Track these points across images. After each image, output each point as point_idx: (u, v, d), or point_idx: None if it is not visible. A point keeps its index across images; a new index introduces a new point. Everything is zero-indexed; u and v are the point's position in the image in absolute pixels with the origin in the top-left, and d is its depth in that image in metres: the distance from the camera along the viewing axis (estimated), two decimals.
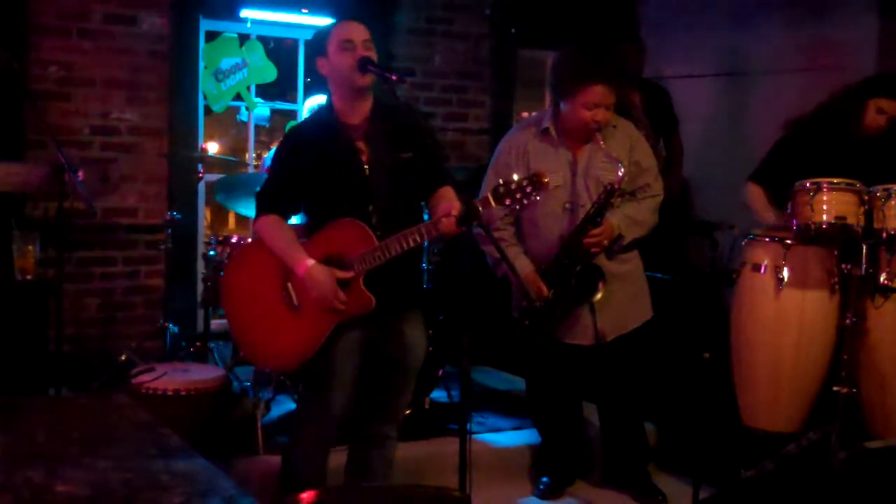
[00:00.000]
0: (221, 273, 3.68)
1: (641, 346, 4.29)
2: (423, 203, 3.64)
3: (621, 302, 4.16)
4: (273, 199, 3.50)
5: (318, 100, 5.50)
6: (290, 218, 3.59)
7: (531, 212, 4.14)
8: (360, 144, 3.47)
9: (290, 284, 3.43)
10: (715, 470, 4.13)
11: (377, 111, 3.51)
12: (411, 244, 3.29)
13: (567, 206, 4.10)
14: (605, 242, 4.02)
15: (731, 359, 4.31)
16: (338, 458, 3.73)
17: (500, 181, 3.18)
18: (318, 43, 3.48)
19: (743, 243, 4.34)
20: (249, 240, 4.90)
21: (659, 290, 4.38)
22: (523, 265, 4.08)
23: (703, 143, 6.07)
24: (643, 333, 4.27)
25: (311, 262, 3.34)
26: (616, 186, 3.94)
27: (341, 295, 3.34)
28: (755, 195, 4.46)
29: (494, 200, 3.15)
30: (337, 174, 3.44)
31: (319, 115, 3.61)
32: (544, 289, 4.03)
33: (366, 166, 3.45)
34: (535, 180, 3.14)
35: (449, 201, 3.40)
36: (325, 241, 3.41)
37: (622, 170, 3.92)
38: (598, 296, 4.01)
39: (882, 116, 4.29)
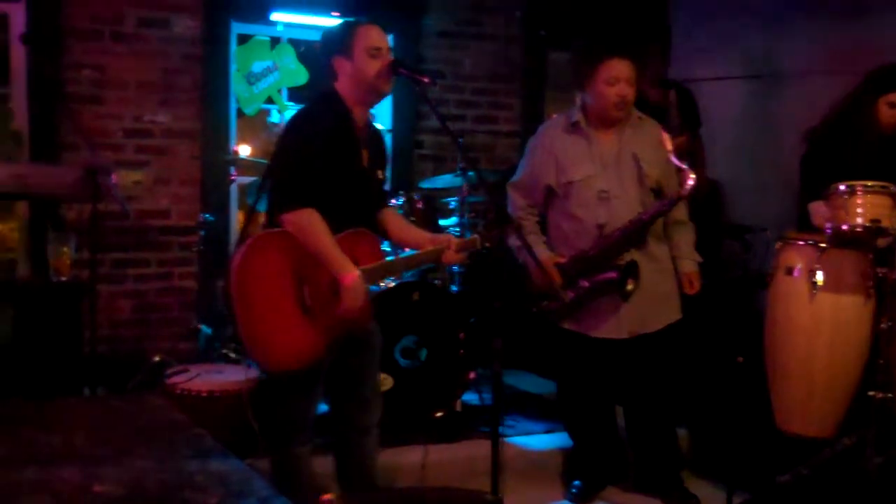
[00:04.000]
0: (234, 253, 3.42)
1: (671, 348, 4.27)
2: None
3: (651, 299, 4.15)
4: (306, 191, 3.30)
5: None
6: None
7: (565, 202, 4.17)
8: (363, 150, 3.49)
9: (305, 284, 3.30)
10: (749, 475, 4.11)
11: (367, 124, 3.56)
12: (413, 268, 3.36)
13: (602, 195, 4.12)
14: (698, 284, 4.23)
15: (764, 363, 4.28)
16: None
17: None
18: (340, 42, 3.44)
19: (776, 246, 4.31)
20: None
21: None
22: (541, 252, 4.10)
23: (736, 146, 6.03)
24: (673, 335, 4.25)
25: (357, 272, 3.27)
26: (683, 195, 3.97)
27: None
28: (820, 212, 4.23)
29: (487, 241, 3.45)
30: (347, 173, 3.42)
31: (331, 107, 3.47)
32: (558, 278, 4.06)
33: (366, 172, 3.48)
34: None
35: (408, 229, 3.68)
36: (340, 246, 3.34)
37: (692, 179, 3.91)
38: (629, 287, 4.02)
39: (895, 110, 4.25)
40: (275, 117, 6.34)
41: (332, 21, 6.01)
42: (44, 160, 5.25)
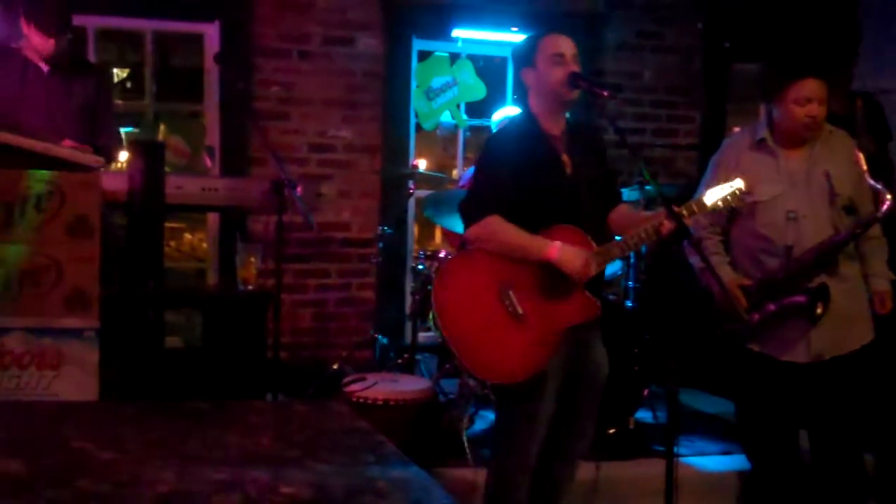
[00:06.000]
0: (429, 288, 3.54)
1: (861, 371, 4.08)
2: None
3: (841, 322, 3.98)
4: (490, 202, 3.37)
5: (506, 112, 5.55)
6: None
7: (751, 221, 4.04)
8: (564, 156, 3.49)
9: (511, 293, 3.32)
10: None
11: (570, 126, 3.55)
12: (633, 247, 3.34)
13: (791, 215, 3.98)
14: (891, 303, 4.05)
15: None
16: None
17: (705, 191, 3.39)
18: (526, 54, 3.49)
19: None
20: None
21: None
22: (725, 273, 3.99)
23: None
24: (863, 357, 4.07)
25: (559, 242, 3.30)
26: (878, 217, 3.82)
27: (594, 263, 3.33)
28: None
29: (698, 208, 3.35)
30: (545, 183, 3.44)
31: (519, 124, 3.55)
32: (743, 301, 3.94)
33: (570, 177, 3.46)
34: (738, 192, 3.38)
35: (632, 214, 3.58)
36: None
37: (888, 200, 3.76)
38: (818, 312, 3.87)
39: None
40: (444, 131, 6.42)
41: (511, 36, 6.09)
42: (234, 174, 5.48)
